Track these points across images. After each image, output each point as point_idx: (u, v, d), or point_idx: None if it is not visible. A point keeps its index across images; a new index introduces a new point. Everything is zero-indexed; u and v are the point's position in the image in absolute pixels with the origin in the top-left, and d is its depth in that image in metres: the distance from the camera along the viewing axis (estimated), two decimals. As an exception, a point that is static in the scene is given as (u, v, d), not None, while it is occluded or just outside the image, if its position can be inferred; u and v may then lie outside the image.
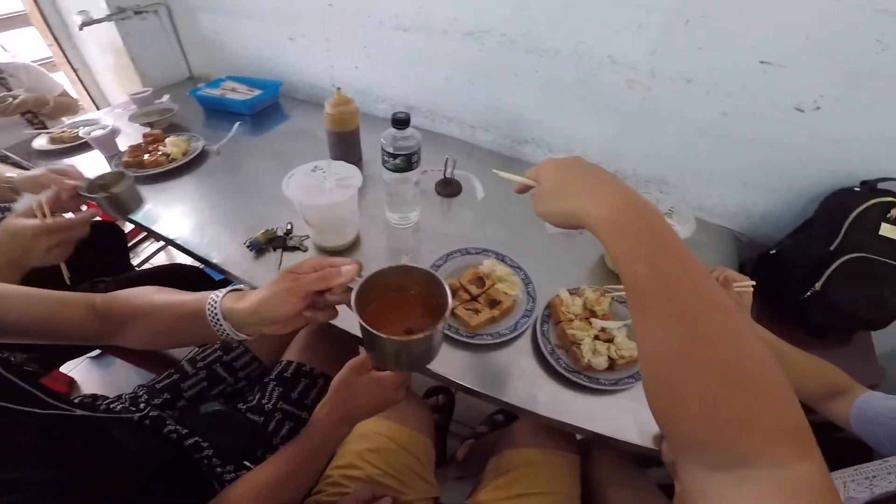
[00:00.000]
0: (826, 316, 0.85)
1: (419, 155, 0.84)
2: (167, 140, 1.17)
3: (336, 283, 0.48)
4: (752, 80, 0.84)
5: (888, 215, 0.80)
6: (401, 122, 0.80)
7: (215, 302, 0.51)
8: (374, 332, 0.46)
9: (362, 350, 0.61)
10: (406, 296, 0.54)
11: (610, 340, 0.72)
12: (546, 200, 0.45)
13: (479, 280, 0.82)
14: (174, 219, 0.98)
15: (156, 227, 0.96)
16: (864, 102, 0.78)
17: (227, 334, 0.51)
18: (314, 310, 0.51)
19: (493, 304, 0.78)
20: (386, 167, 0.84)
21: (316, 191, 0.79)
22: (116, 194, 0.84)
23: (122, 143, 1.19)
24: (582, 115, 1.07)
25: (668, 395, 0.32)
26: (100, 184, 0.84)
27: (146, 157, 1.13)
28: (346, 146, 1.12)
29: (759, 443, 0.28)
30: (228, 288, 0.54)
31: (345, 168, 0.84)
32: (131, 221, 0.97)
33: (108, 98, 1.81)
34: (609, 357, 0.69)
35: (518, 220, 0.98)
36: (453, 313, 0.75)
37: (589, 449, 0.84)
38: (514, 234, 0.97)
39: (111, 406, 0.67)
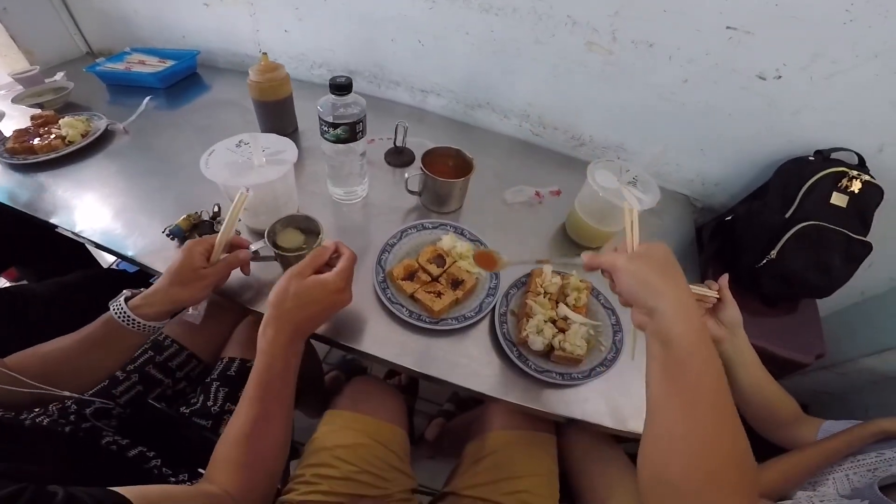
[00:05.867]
0: (779, 284, 0.87)
1: (364, 123, 0.75)
2: (61, 121, 0.99)
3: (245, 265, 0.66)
4: (716, 45, 0.80)
5: (839, 185, 0.81)
6: (341, 87, 0.70)
7: (121, 306, 0.59)
8: (428, 173, 0.80)
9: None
10: (447, 161, 0.87)
11: (564, 331, 0.67)
12: (644, 266, 0.47)
13: (439, 258, 0.75)
14: (76, 208, 0.83)
15: (54, 220, 0.81)
16: (826, 73, 0.77)
17: (143, 325, 0.59)
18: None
19: (456, 284, 0.73)
20: (325, 138, 0.74)
21: (243, 168, 0.68)
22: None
23: (9, 128, 1.00)
24: (539, 79, 1.00)
25: (665, 453, 0.40)
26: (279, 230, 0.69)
27: (36, 141, 0.95)
28: (277, 117, 0.99)
29: (726, 494, 0.36)
30: (125, 293, 0.59)
31: (275, 141, 0.72)
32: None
33: (-1, 79, 1.54)
34: (550, 344, 0.65)
35: (475, 189, 0.91)
36: (414, 297, 0.71)
37: (564, 427, 0.82)
38: (472, 204, 0.91)
39: (37, 420, 0.57)
